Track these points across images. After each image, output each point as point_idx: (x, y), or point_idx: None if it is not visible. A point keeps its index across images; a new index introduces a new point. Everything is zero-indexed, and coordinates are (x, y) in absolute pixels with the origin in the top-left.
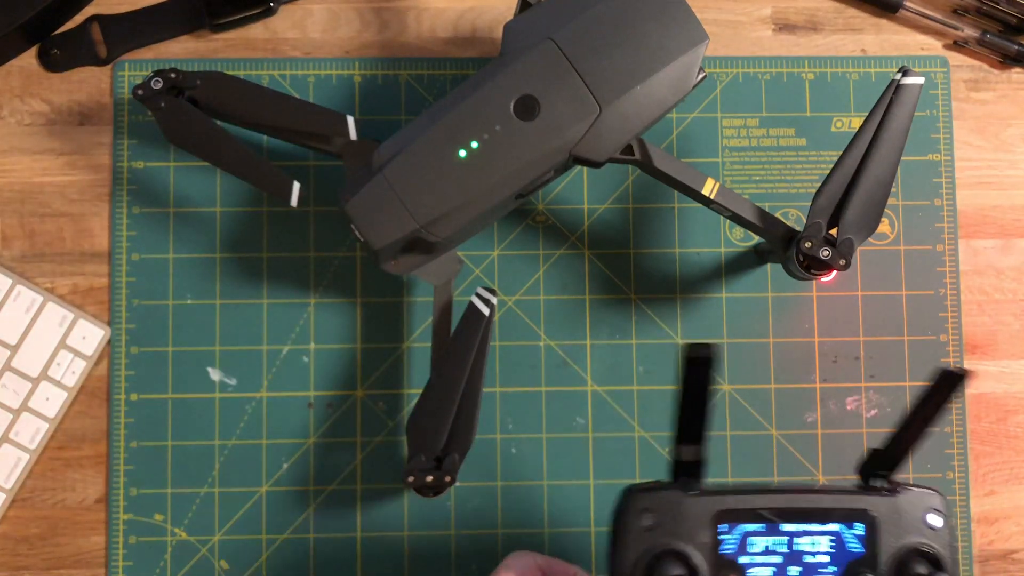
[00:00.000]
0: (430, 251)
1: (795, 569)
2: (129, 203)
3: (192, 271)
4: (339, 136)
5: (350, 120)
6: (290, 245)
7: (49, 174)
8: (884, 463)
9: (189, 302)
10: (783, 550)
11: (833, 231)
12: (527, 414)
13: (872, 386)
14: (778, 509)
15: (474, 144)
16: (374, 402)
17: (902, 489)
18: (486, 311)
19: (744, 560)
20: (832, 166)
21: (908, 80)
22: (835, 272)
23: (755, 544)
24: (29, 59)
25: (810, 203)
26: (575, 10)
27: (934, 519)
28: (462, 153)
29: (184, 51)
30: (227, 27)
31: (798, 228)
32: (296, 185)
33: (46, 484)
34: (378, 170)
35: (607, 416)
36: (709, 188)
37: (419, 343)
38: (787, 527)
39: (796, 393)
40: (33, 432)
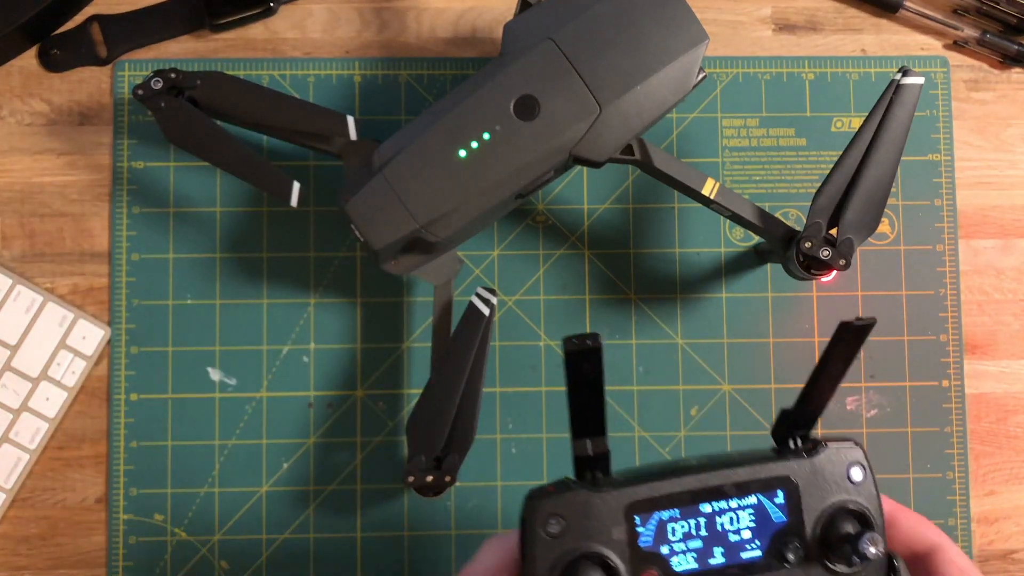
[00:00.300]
0: (430, 251)
1: (719, 549)
2: (129, 203)
3: (192, 271)
4: (339, 136)
5: (350, 120)
6: (290, 245)
7: (49, 174)
8: (797, 423)
9: (189, 302)
10: (703, 533)
11: (833, 231)
12: (527, 414)
13: (872, 386)
14: (692, 491)
15: (474, 144)
16: (374, 402)
17: (820, 447)
18: (486, 311)
19: (665, 550)
20: (832, 166)
21: (908, 80)
22: (835, 272)
23: (674, 531)
24: (29, 59)
25: (810, 203)
26: (575, 10)
27: (856, 473)
28: (462, 153)
29: (184, 51)
30: (227, 27)
31: (798, 228)
32: (296, 185)
33: (46, 484)
34: (378, 170)
35: (607, 416)
36: (709, 188)
37: (419, 343)
38: (705, 508)
39: (796, 393)
40: (33, 432)
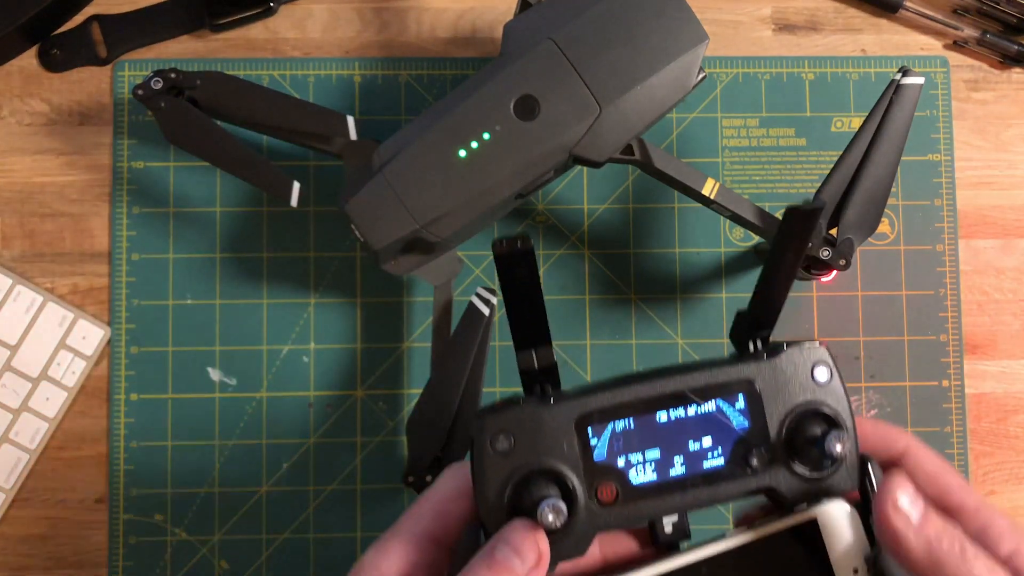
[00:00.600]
0: (430, 251)
1: (678, 459)
2: (129, 203)
3: (192, 271)
4: (339, 136)
5: (350, 120)
6: (290, 245)
7: (49, 174)
8: (756, 325)
9: (189, 302)
10: (662, 443)
11: (833, 231)
12: None
13: (872, 386)
14: (647, 400)
15: (474, 144)
16: (374, 402)
17: (780, 349)
18: (486, 311)
19: (621, 463)
20: (832, 166)
21: (908, 80)
22: (835, 272)
23: (630, 442)
24: (29, 59)
25: None
26: (575, 10)
27: (821, 373)
28: (462, 153)
29: (184, 51)
30: (227, 27)
31: None
32: (296, 185)
33: (46, 484)
34: (378, 170)
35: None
36: (709, 188)
37: (419, 343)
38: (661, 417)
39: None
40: (33, 432)
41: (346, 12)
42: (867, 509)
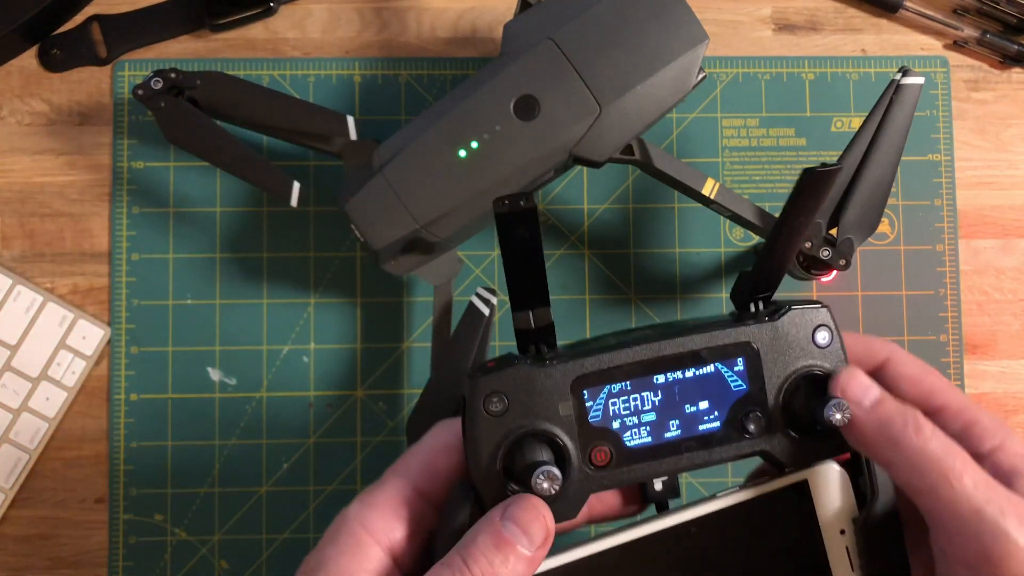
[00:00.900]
0: (430, 251)
1: (674, 422)
2: (129, 203)
3: (192, 271)
4: (339, 136)
5: (350, 120)
6: (290, 245)
7: (49, 174)
8: (758, 286)
9: (189, 302)
10: (657, 405)
11: (833, 231)
12: None
13: None
14: (644, 362)
15: (474, 144)
16: (374, 402)
17: (782, 310)
18: (486, 311)
19: (616, 425)
20: None
21: (908, 80)
22: (835, 272)
23: (626, 405)
24: (29, 59)
25: None
26: (575, 10)
27: (822, 336)
28: (462, 153)
29: (184, 51)
30: (227, 27)
31: None
32: (296, 185)
33: (46, 484)
34: (378, 170)
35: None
36: (709, 188)
37: (419, 343)
38: (658, 379)
39: None
40: (33, 432)
41: (346, 12)
42: (858, 472)
